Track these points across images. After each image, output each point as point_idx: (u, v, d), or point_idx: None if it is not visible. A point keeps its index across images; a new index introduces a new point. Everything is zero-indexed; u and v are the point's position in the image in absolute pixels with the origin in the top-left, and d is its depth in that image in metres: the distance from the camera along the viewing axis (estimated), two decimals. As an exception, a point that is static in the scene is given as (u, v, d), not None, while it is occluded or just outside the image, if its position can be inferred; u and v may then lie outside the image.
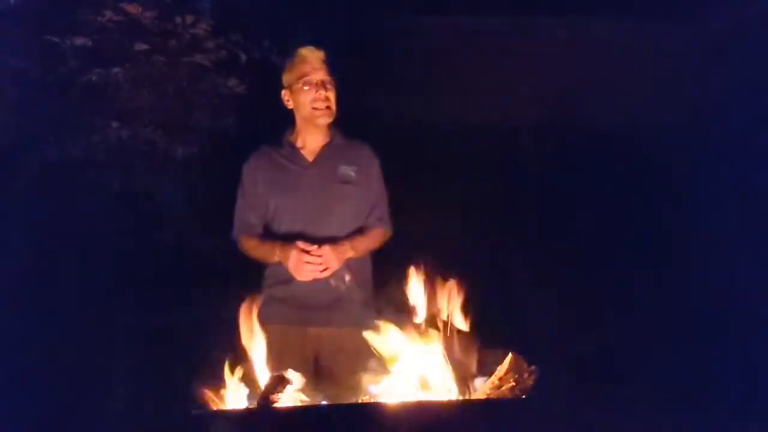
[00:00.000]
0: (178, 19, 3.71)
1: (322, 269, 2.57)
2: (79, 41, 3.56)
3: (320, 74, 2.71)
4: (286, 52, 2.90)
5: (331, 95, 2.72)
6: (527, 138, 4.48)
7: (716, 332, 3.84)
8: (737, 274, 4.00)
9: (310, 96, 2.69)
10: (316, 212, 2.67)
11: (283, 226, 2.69)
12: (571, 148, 4.28)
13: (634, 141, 4.23)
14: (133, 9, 3.61)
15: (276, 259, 2.65)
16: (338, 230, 2.65)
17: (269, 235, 2.72)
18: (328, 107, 2.70)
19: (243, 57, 3.84)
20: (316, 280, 2.59)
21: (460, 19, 4.40)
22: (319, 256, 2.57)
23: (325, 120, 2.72)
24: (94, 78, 3.60)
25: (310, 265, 2.56)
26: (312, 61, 2.72)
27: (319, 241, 2.61)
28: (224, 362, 1.97)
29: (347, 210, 2.71)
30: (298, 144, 2.77)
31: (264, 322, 2.69)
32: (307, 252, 2.57)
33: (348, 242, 2.64)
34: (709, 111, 4.23)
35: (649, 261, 4.13)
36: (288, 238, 2.63)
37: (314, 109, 2.69)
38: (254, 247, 2.74)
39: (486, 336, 1.98)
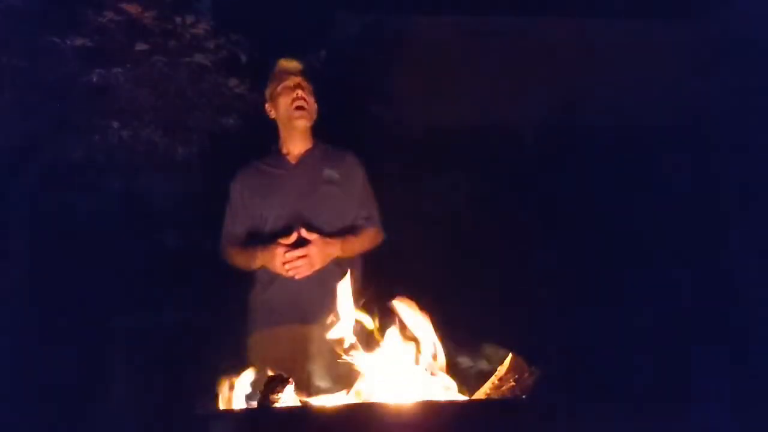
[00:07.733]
0: (178, 19, 3.72)
1: (305, 264, 2.59)
2: (79, 41, 3.56)
3: (297, 79, 2.77)
4: (287, 51, 2.93)
5: (308, 98, 2.77)
6: (529, 138, 4.48)
7: (720, 333, 3.84)
8: (742, 275, 3.99)
9: (289, 98, 2.75)
10: (300, 212, 2.70)
11: (268, 228, 2.71)
12: (571, 148, 4.28)
13: (634, 141, 4.23)
14: (133, 9, 3.61)
15: (258, 262, 2.69)
16: (323, 231, 2.66)
17: (255, 241, 2.74)
18: (305, 108, 2.75)
19: (243, 57, 3.85)
20: (301, 279, 2.61)
21: (461, 19, 4.41)
22: (304, 256, 2.59)
23: (303, 122, 2.78)
24: (94, 78, 3.60)
25: (293, 261, 2.59)
26: (289, 68, 2.83)
27: (305, 242, 2.61)
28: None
29: (332, 210, 2.72)
30: (284, 151, 2.82)
31: (251, 332, 2.74)
32: (290, 248, 2.59)
33: (338, 240, 2.64)
34: (716, 111, 4.23)
35: (651, 261, 4.12)
36: (274, 240, 2.65)
37: (295, 108, 2.75)
38: (237, 254, 2.78)
39: (486, 336, 1.98)
